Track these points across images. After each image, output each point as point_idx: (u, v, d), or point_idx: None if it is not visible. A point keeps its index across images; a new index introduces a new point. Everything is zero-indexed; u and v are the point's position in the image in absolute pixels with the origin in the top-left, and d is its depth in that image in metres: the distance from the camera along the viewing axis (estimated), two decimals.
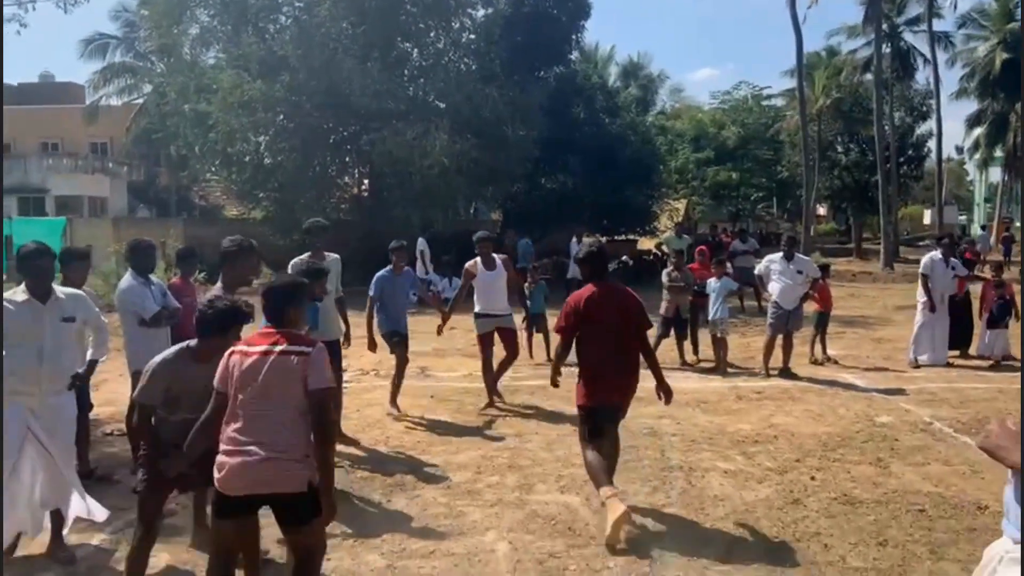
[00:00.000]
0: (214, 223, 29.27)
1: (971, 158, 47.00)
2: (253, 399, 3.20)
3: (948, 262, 10.28)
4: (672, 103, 42.52)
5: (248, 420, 3.19)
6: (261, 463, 3.14)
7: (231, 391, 3.24)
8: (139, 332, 5.96)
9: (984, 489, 5.35)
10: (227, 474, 3.18)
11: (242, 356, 3.26)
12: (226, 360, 3.30)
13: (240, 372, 3.22)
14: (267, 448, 3.14)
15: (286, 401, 3.20)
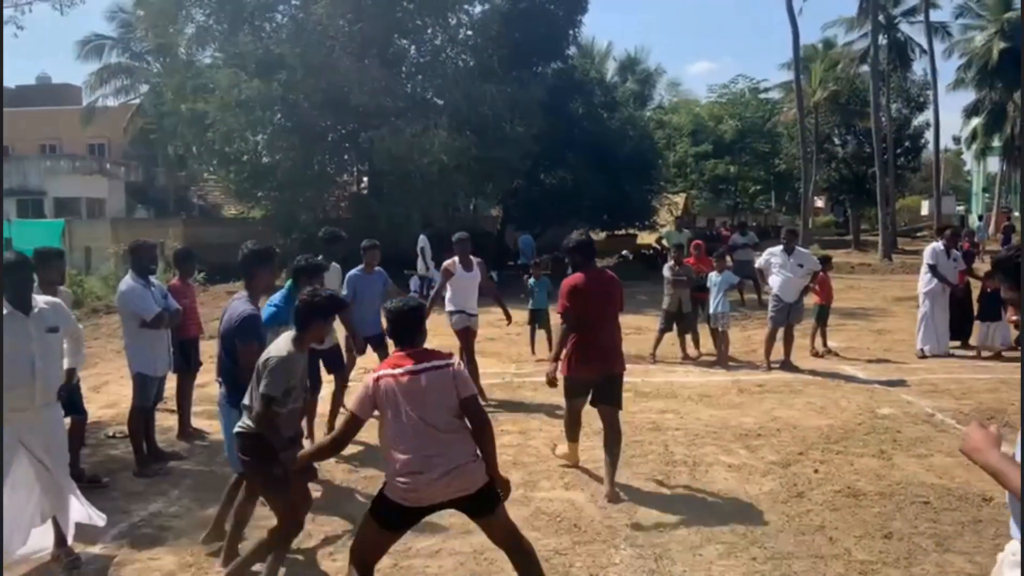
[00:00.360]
0: (213, 223, 29.29)
1: (968, 148, 46.99)
2: (421, 416, 3.36)
3: (950, 253, 10.28)
4: (670, 97, 42.43)
5: (422, 435, 3.35)
6: (455, 471, 3.35)
7: (388, 413, 3.38)
8: (140, 334, 5.96)
9: (988, 481, 5.26)
10: (423, 488, 3.34)
11: (394, 379, 3.40)
12: (373, 385, 3.41)
13: (402, 394, 3.36)
14: (452, 457, 3.36)
15: (448, 411, 3.41)
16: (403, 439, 3.36)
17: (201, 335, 7.40)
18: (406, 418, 3.35)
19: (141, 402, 6.00)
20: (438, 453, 3.35)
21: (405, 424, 3.35)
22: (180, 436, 6.78)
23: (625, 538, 4.56)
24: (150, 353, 6.04)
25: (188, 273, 7.17)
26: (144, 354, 6.01)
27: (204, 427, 7.05)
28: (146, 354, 6.02)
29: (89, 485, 5.51)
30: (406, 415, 3.35)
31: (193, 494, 5.47)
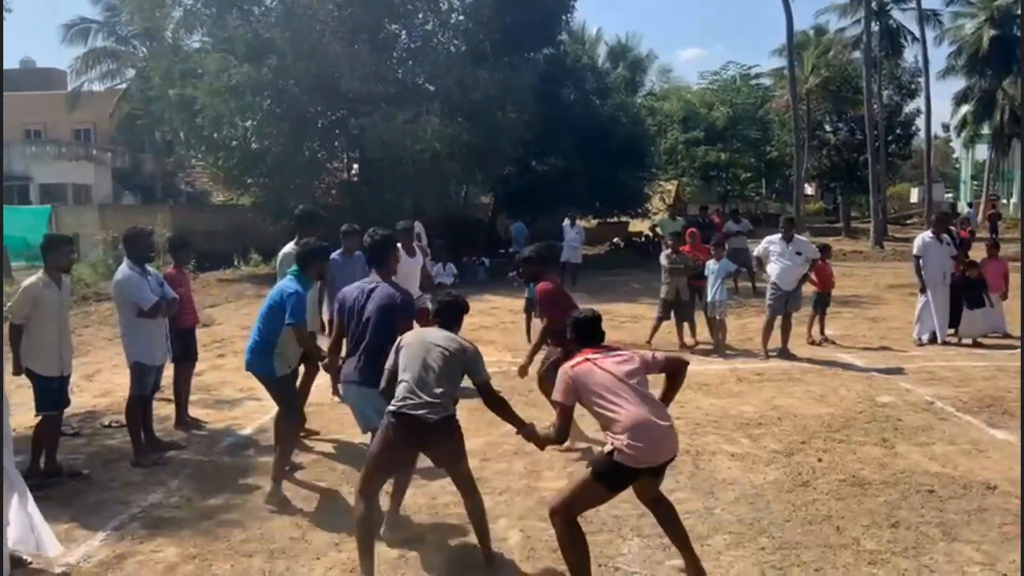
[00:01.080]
0: (202, 209, 29.05)
1: (958, 136, 47.11)
2: (635, 386, 3.74)
3: (941, 239, 10.26)
4: (661, 84, 42.30)
5: (642, 400, 3.71)
6: (671, 429, 3.76)
7: (604, 393, 3.70)
8: (136, 323, 5.87)
9: (991, 468, 5.37)
10: (658, 446, 3.66)
11: (596, 364, 3.78)
12: (579, 370, 3.79)
13: (614, 375, 3.74)
14: (666, 418, 3.76)
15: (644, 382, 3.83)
16: (623, 402, 3.67)
17: (197, 323, 7.30)
18: (627, 387, 3.70)
19: (139, 391, 5.92)
20: (661, 413, 3.75)
21: (623, 392, 3.68)
22: (177, 425, 6.70)
23: (632, 528, 4.53)
24: (147, 342, 5.95)
25: (184, 261, 7.07)
26: (141, 343, 5.92)
27: (201, 416, 6.97)
28: (143, 343, 5.93)
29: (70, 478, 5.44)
30: (628, 385, 3.71)
31: (193, 484, 5.40)
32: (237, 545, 4.43)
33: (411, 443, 4.02)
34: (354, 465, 5.71)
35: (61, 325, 5.46)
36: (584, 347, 3.95)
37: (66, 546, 4.42)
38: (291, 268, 5.35)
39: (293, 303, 4.94)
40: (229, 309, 14.55)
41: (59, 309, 5.43)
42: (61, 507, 4.93)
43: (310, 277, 5.31)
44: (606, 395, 3.68)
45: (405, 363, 4.02)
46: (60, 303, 5.44)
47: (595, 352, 3.88)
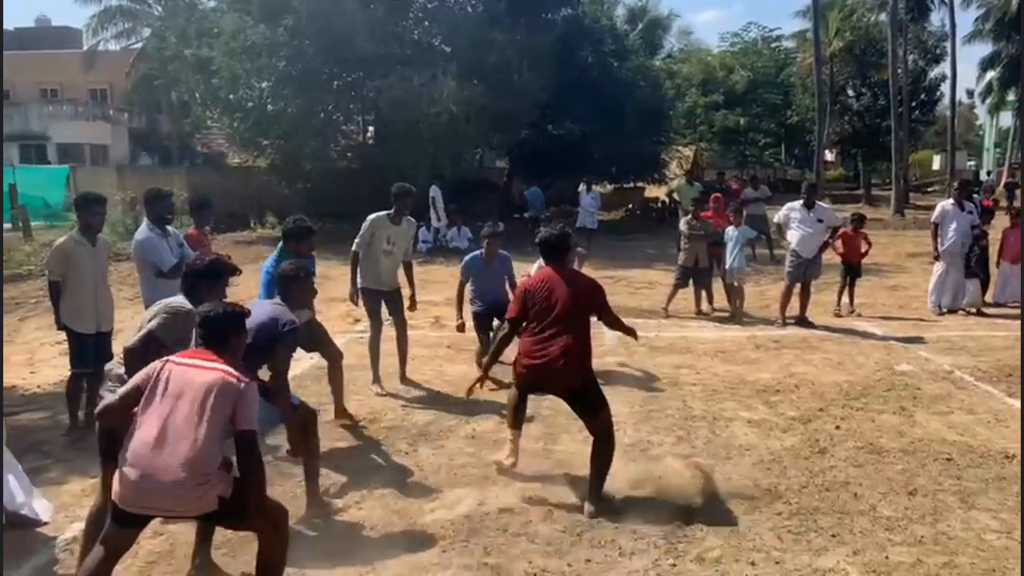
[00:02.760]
0: (218, 171, 29.05)
1: (983, 102, 46.18)
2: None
3: (963, 207, 10.11)
4: (680, 46, 41.58)
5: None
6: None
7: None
8: (156, 283, 5.88)
9: (1010, 438, 5.35)
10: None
11: None
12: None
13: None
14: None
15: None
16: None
17: None
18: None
19: None
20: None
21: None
22: None
23: (648, 490, 4.56)
24: None
25: (204, 222, 7.08)
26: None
27: None
28: None
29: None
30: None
31: None
32: None
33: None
34: (384, 422, 5.78)
35: (97, 282, 5.56)
36: None
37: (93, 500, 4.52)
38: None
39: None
40: (247, 271, 14.52)
41: (93, 267, 5.52)
42: (90, 462, 5.01)
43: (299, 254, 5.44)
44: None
45: None
46: (94, 261, 5.52)
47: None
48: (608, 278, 12.98)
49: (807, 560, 3.78)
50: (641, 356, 7.78)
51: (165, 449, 2.98)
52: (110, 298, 5.82)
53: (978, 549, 3.84)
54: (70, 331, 5.50)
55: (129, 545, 3.27)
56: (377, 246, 6.59)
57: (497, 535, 4.06)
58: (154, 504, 3.04)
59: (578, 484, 4.67)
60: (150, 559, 3.91)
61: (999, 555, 3.78)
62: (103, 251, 5.73)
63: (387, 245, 6.63)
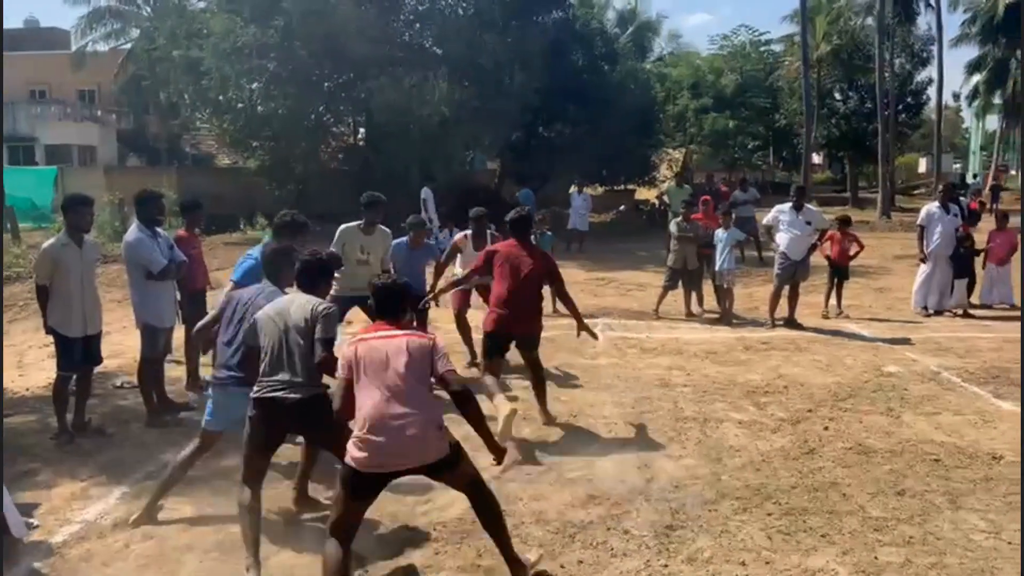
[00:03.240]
0: (207, 172, 28.95)
1: (969, 105, 46.57)
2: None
3: (948, 209, 10.19)
4: (670, 49, 41.73)
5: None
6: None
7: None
8: (146, 285, 5.90)
9: (997, 439, 5.41)
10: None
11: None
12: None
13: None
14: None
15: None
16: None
17: (209, 286, 7.32)
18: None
19: (151, 353, 5.97)
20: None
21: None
22: (189, 387, 6.76)
23: (640, 493, 4.59)
24: (157, 304, 5.99)
25: (195, 223, 7.06)
26: (152, 305, 5.96)
27: None
28: (153, 305, 5.97)
29: (94, 436, 5.55)
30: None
31: None
32: None
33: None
34: None
35: (84, 285, 5.51)
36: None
37: (82, 503, 4.52)
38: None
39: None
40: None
41: (80, 269, 5.46)
42: (80, 465, 5.02)
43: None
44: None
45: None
46: (81, 263, 5.48)
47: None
48: (599, 280, 13.04)
49: (797, 560, 3.81)
50: (632, 357, 7.81)
51: (398, 410, 3.33)
52: (98, 300, 5.78)
53: (966, 549, 3.88)
54: (57, 334, 5.46)
55: (360, 520, 3.55)
56: (351, 256, 6.62)
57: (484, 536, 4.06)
58: (399, 461, 3.38)
59: (570, 486, 4.70)
60: (140, 562, 3.90)
61: (987, 555, 3.82)
62: (91, 253, 5.69)
63: (361, 255, 6.71)
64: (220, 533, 4.16)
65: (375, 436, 3.31)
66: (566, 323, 9.09)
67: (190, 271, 6.69)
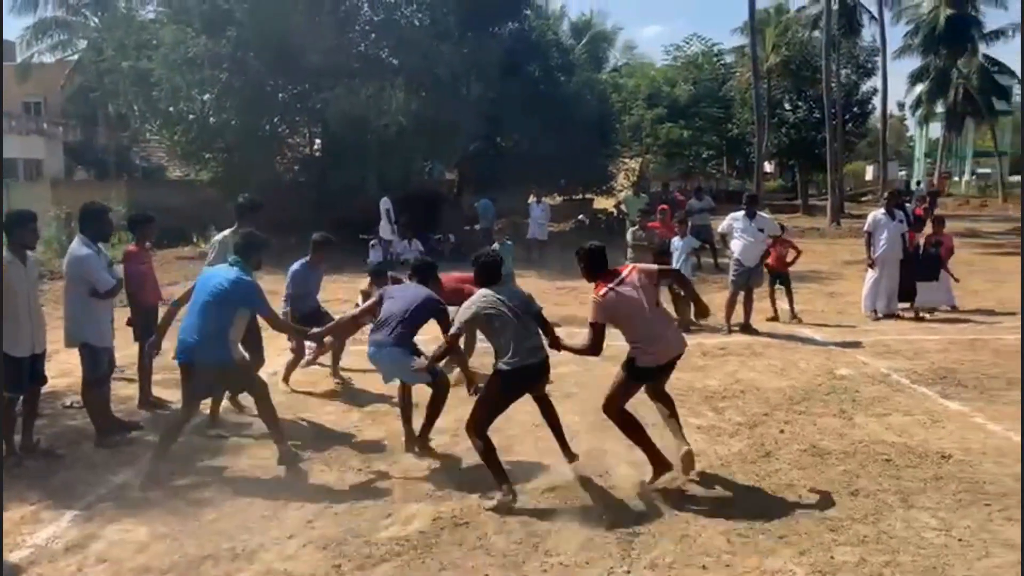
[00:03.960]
0: (158, 185, 28.38)
1: (913, 114, 48.02)
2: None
3: (894, 215, 10.48)
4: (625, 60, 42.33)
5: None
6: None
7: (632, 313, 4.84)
8: (88, 303, 5.69)
9: (946, 439, 5.57)
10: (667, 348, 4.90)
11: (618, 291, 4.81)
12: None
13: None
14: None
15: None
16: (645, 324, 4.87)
17: (162, 301, 7.17)
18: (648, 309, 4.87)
19: (94, 374, 5.76)
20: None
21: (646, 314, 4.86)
22: (141, 406, 6.60)
23: (602, 500, 4.62)
24: (99, 323, 5.78)
25: (146, 238, 6.90)
26: (93, 324, 5.74)
27: (166, 396, 6.87)
28: (95, 324, 5.75)
29: (44, 458, 5.38)
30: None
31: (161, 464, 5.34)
32: (208, 524, 4.41)
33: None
34: (321, 444, 5.72)
35: (30, 303, 5.33)
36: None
37: (32, 527, 4.39)
38: (232, 258, 5.35)
39: (259, 296, 5.19)
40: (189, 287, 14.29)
41: (26, 287, 5.28)
42: (29, 487, 4.87)
43: (252, 267, 5.33)
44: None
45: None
46: (27, 281, 5.30)
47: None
48: (559, 288, 13.10)
49: (756, 562, 3.88)
50: (593, 365, 7.83)
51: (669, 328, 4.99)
52: (43, 318, 5.60)
53: (919, 547, 3.98)
54: (6, 355, 5.26)
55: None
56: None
57: (452, 549, 4.06)
58: (676, 352, 4.98)
59: (533, 496, 4.71)
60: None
61: (939, 552, 3.93)
62: (34, 270, 5.51)
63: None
64: (176, 554, 4.07)
65: None
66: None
67: (142, 287, 6.56)
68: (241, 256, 5.28)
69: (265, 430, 5.53)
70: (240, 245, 5.37)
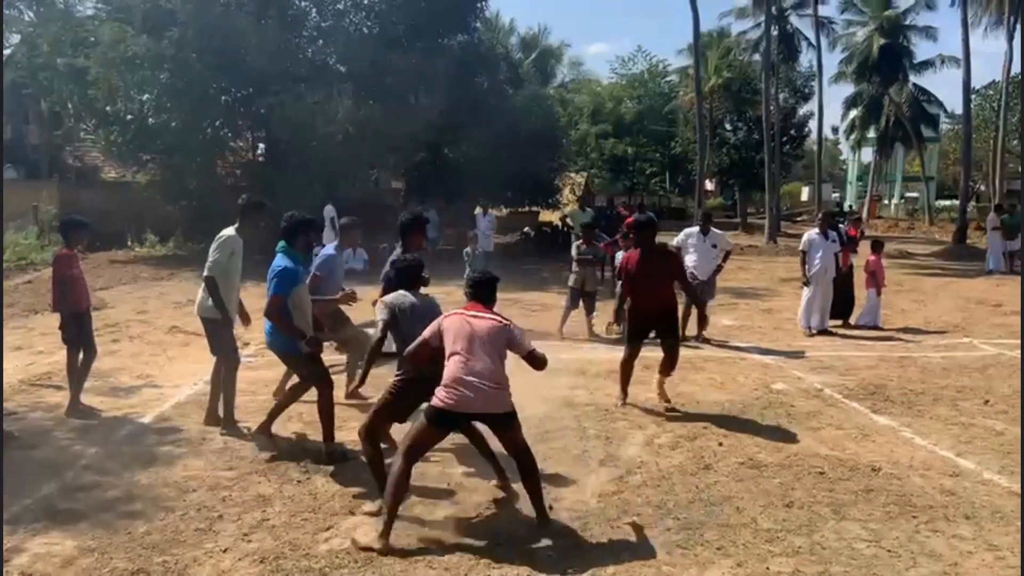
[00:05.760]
0: (92, 186, 27.43)
1: (846, 139, 49.85)
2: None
3: (827, 235, 10.84)
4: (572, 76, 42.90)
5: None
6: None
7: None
8: None
9: (875, 452, 5.76)
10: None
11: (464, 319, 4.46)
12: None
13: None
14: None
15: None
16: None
17: (90, 306, 6.93)
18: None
19: None
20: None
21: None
22: (69, 413, 6.36)
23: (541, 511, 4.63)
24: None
25: (78, 241, 6.68)
26: None
27: (96, 404, 6.64)
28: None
29: None
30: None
31: (90, 474, 5.16)
32: (139, 537, 4.27)
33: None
34: (260, 454, 5.60)
35: None
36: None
37: None
38: (279, 244, 5.50)
39: (277, 276, 5.31)
40: (123, 292, 13.89)
41: None
42: None
43: (299, 249, 5.55)
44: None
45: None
46: None
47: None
48: (504, 300, 13.06)
49: (695, 573, 3.94)
50: (536, 377, 7.86)
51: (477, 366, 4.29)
52: None
53: (850, 558, 4.10)
54: None
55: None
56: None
57: (395, 563, 4.01)
58: (473, 407, 4.29)
59: (476, 508, 4.69)
60: None
61: (869, 562, 4.05)
62: None
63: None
64: (105, 568, 3.92)
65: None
66: None
67: (73, 292, 6.34)
68: (287, 239, 5.49)
69: (197, 439, 5.39)
70: (285, 228, 5.53)
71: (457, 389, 4.23)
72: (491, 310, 4.59)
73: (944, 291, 15.34)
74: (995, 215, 20.00)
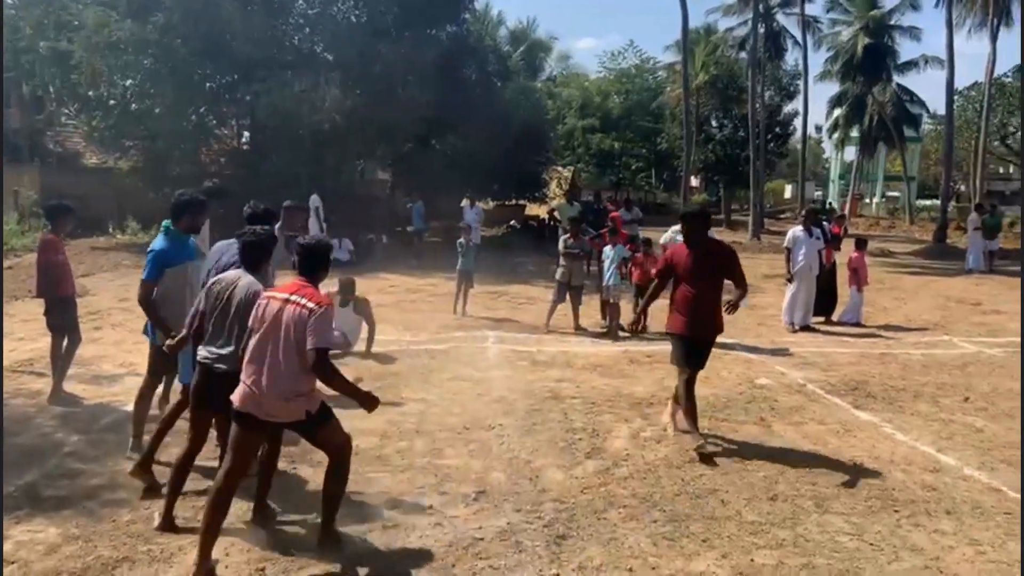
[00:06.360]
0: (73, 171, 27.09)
1: (830, 137, 50.11)
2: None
3: (811, 232, 10.93)
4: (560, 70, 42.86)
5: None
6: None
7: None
8: None
9: (857, 447, 5.83)
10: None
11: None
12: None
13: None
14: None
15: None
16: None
17: (75, 292, 6.86)
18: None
19: None
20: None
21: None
22: (51, 400, 6.30)
23: (532, 504, 4.65)
24: None
25: (63, 227, 6.61)
26: None
27: (78, 392, 6.58)
28: None
29: None
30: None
31: (73, 462, 5.12)
32: (124, 525, 4.25)
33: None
34: None
35: None
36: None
37: None
38: (164, 221, 5.16)
39: (148, 259, 4.93)
40: (104, 279, 13.76)
41: None
42: None
43: (180, 230, 5.11)
44: None
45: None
46: None
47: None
48: (491, 293, 13.14)
49: (680, 565, 3.97)
50: (523, 370, 7.92)
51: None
52: None
53: (833, 551, 4.16)
54: None
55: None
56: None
57: (380, 552, 4.01)
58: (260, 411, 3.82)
59: (463, 498, 4.70)
60: None
61: (852, 556, 4.11)
62: None
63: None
64: (89, 556, 3.90)
65: None
66: (459, 335, 9.17)
67: (59, 277, 6.28)
68: (172, 217, 5.10)
69: (181, 427, 5.32)
70: (172, 206, 5.13)
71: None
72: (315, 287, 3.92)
73: (925, 289, 15.51)
74: (976, 215, 20.25)
